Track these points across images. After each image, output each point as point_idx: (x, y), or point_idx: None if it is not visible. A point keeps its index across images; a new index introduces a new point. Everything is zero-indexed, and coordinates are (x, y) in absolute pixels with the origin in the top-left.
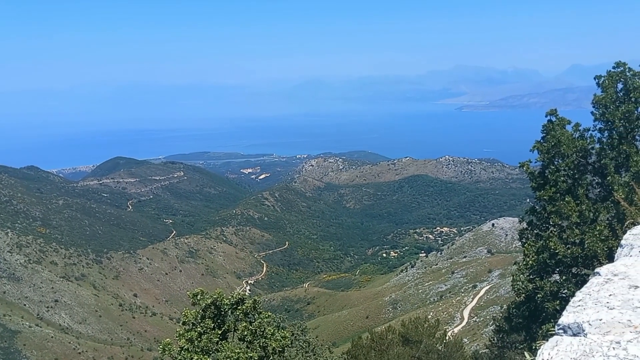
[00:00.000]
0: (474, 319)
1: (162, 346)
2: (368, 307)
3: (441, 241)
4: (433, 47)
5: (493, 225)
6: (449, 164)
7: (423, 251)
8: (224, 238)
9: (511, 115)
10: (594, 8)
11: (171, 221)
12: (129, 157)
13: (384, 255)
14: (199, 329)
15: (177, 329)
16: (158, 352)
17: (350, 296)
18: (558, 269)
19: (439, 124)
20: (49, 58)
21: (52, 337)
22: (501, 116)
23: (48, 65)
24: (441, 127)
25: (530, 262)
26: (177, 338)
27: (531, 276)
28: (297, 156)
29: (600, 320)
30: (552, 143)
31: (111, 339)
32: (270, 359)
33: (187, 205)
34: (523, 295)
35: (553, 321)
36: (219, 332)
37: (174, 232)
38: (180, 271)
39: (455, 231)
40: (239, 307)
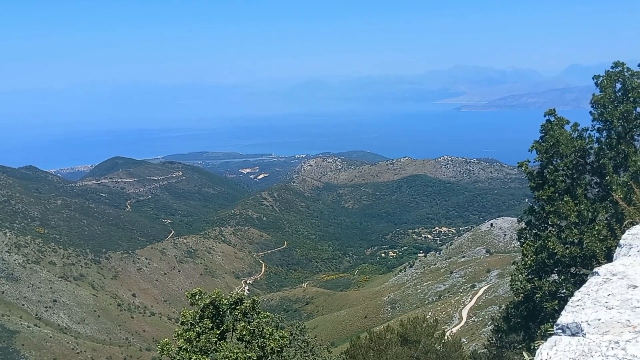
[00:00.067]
0: (473, 319)
1: (161, 346)
2: (366, 307)
3: (440, 241)
4: (432, 47)
5: (492, 225)
6: (448, 164)
7: (422, 251)
8: (223, 238)
9: (510, 115)
10: (593, 8)
11: (170, 221)
12: (128, 157)
13: (383, 255)
14: (198, 329)
15: (176, 329)
16: (156, 352)
17: (348, 296)
18: (557, 269)
19: (438, 124)
20: (48, 58)
21: (51, 337)
22: (500, 116)
23: (47, 65)
24: (440, 127)
25: (528, 262)
26: (176, 338)
27: (530, 276)
28: (296, 156)
29: (599, 320)
30: (551, 143)
31: (110, 339)
32: (268, 359)
33: (186, 205)
34: (521, 295)
35: (552, 321)
36: (218, 332)
37: (173, 232)
38: (178, 271)
39: (453, 231)
40: (238, 307)
